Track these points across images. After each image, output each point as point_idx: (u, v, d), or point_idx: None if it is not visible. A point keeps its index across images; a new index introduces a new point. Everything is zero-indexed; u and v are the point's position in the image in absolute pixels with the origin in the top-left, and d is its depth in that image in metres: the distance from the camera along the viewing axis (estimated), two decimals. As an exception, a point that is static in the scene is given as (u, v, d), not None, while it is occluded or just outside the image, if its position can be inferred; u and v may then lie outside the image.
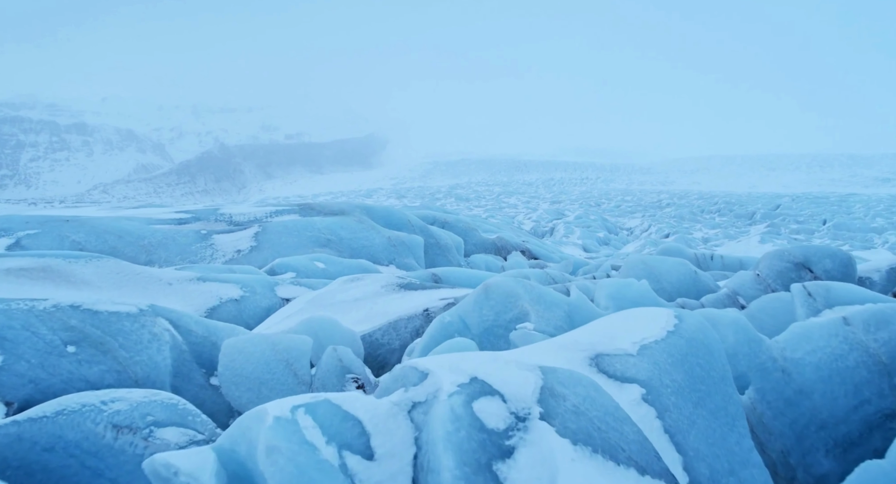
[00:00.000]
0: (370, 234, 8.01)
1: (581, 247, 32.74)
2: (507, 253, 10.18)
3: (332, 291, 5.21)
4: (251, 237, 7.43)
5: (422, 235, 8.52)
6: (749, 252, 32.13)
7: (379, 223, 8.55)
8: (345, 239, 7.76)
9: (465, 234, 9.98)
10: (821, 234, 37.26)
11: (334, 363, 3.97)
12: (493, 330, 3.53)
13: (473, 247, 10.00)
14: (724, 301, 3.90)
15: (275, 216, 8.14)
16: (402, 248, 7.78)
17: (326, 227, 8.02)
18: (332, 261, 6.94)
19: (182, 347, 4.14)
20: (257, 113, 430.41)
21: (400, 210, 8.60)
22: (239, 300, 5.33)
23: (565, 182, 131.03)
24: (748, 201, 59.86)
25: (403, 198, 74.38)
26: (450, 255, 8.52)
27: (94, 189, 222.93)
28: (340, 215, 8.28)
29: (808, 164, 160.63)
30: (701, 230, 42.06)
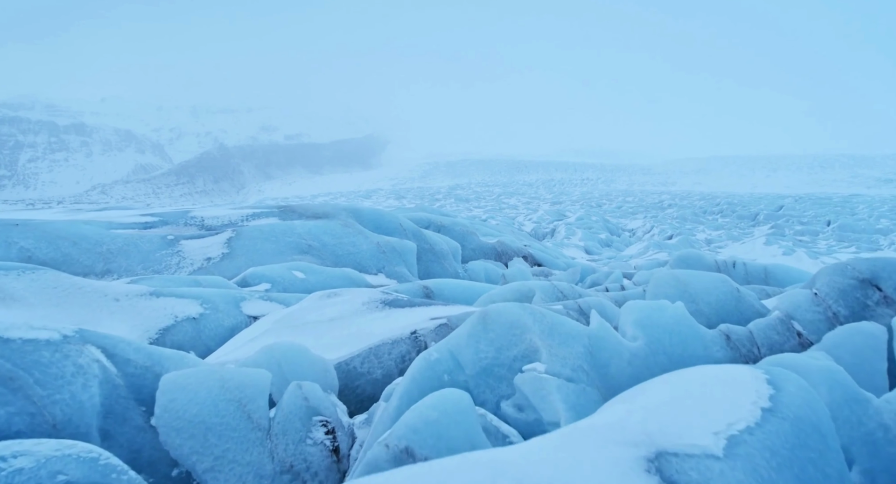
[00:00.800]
0: (357, 239, 7.27)
1: (583, 249, 32.01)
2: (508, 258, 9.44)
3: (305, 309, 4.47)
4: (223, 243, 6.66)
5: (415, 241, 7.75)
6: (755, 254, 31.41)
7: (367, 227, 7.79)
8: (328, 245, 7.02)
9: (463, 238, 9.23)
10: (826, 235, 36.58)
11: (298, 403, 3.23)
12: (492, 370, 2.78)
13: (472, 252, 9.25)
14: (777, 328, 3.16)
15: (251, 220, 7.37)
16: (392, 254, 7.03)
17: (308, 231, 7.26)
18: (313, 269, 6.18)
19: (116, 381, 3.39)
20: (257, 113, 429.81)
21: (390, 213, 7.81)
22: (197, 319, 4.59)
23: (566, 183, 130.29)
24: (750, 202, 59.17)
25: (403, 198, 73.67)
26: (446, 261, 7.77)
27: (92, 190, 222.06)
28: (324, 219, 7.50)
29: (810, 164, 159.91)
30: (704, 231, 41.36)
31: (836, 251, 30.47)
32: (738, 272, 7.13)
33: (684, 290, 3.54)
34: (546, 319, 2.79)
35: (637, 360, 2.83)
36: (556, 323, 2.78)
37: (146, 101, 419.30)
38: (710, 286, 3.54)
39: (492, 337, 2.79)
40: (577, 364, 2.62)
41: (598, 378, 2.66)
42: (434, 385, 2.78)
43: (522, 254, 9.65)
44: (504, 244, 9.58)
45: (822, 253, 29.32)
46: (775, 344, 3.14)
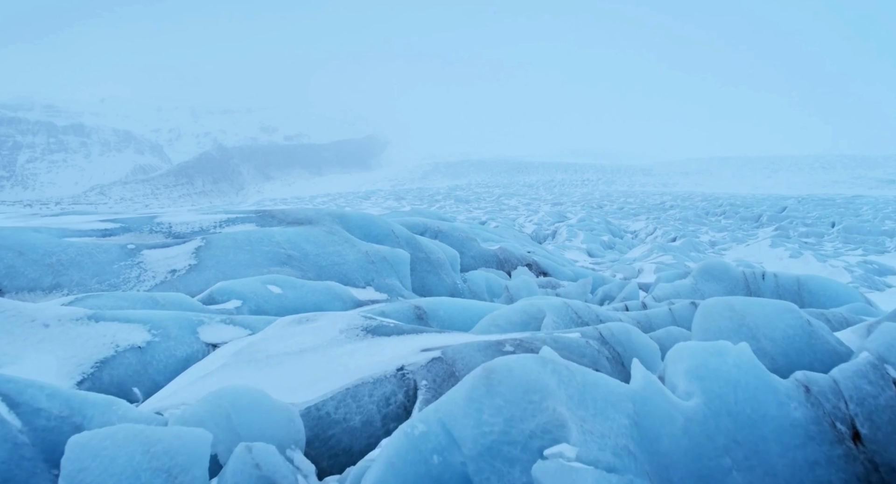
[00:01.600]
0: (343, 248, 6.51)
1: (585, 251, 31.32)
2: (510, 267, 8.69)
3: (271, 338, 3.70)
4: (191, 253, 5.86)
5: (408, 249, 6.97)
6: (760, 257, 30.73)
7: (356, 234, 7.02)
8: (310, 255, 6.22)
9: (462, 244, 8.47)
10: (831, 237, 35.91)
11: (247, 473, 2.48)
12: (500, 450, 1.95)
13: (472, 260, 8.48)
14: (868, 376, 2.42)
15: (225, 226, 6.55)
16: (382, 265, 6.28)
17: (288, 240, 6.51)
18: (292, 283, 5.41)
19: (19, 439, 2.64)
20: (256, 114, 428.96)
21: (381, 218, 7.03)
22: (144, 348, 3.82)
23: (566, 184, 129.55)
24: (753, 203, 58.51)
25: (402, 199, 73.04)
26: (443, 272, 7.01)
27: (90, 191, 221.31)
28: (307, 225, 6.64)
29: (811, 165, 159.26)
30: (707, 233, 40.71)
31: (843, 254, 29.76)
32: (767, 285, 6.38)
33: (741, 322, 2.77)
34: (575, 380, 2.01)
35: (694, 426, 2.09)
36: (588, 384, 2.01)
37: (145, 102, 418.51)
38: (774, 317, 2.77)
39: (499, 404, 2.00)
40: (621, 444, 1.86)
41: (647, 459, 1.91)
42: (419, 471, 2.01)
43: (526, 262, 8.90)
44: (506, 251, 8.82)
45: (829, 256, 28.63)
46: (867, 397, 2.39)
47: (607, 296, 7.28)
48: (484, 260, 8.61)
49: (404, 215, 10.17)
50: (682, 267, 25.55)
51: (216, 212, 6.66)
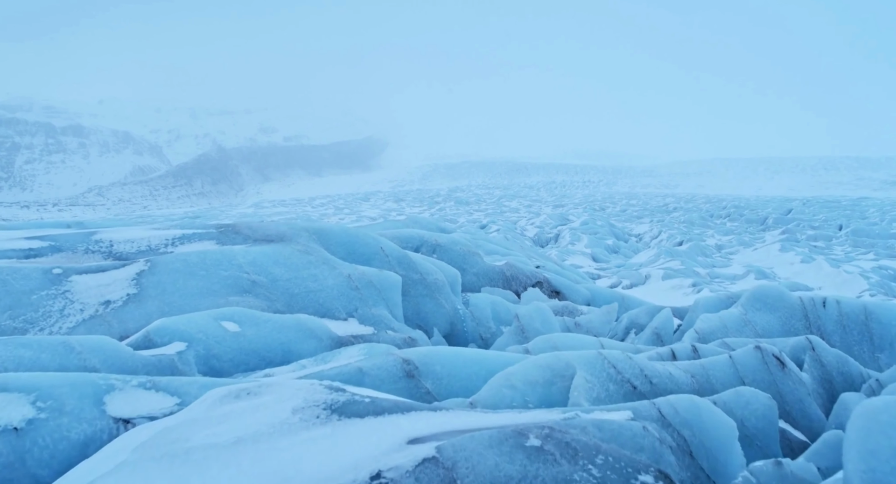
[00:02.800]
0: (320, 271, 5.30)
1: (590, 256, 30.35)
2: (519, 285, 7.61)
3: (196, 421, 2.60)
4: (131, 280, 4.66)
5: (400, 269, 5.88)
6: (770, 261, 29.68)
7: (337, 253, 5.80)
8: (280, 280, 4.96)
9: (464, 260, 7.38)
10: (840, 240, 34.96)
11: None
12: None
13: (475, 277, 7.38)
14: None
15: (178, 244, 5.30)
16: (368, 291, 5.18)
17: (252, 262, 5.24)
18: (253, 319, 4.31)
19: None
20: (255, 115, 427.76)
21: (368, 234, 5.87)
22: (23, 430, 2.72)
23: (567, 185, 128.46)
24: (758, 205, 57.51)
25: (402, 201, 72.14)
26: (441, 295, 5.92)
27: (89, 192, 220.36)
28: (277, 243, 5.55)
29: (814, 166, 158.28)
30: (713, 236, 39.68)
31: (854, 258, 28.70)
32: (829, 314, 5.30)
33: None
34: None
35: None
36: None
37: (144, 103, 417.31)
38: None
39: None
40: None
41: None
42: None
43: (536, 279, 7.81)
44: (514, 267, 7.73)
45: (841, 260, 27.59)
46: None
47: (634, 324, 6.20)
48: (488, 278, 7.53)
49: (399, 226, 9.09)
50: (693, 274, 24.53)
51: (169, 226, 5.51)
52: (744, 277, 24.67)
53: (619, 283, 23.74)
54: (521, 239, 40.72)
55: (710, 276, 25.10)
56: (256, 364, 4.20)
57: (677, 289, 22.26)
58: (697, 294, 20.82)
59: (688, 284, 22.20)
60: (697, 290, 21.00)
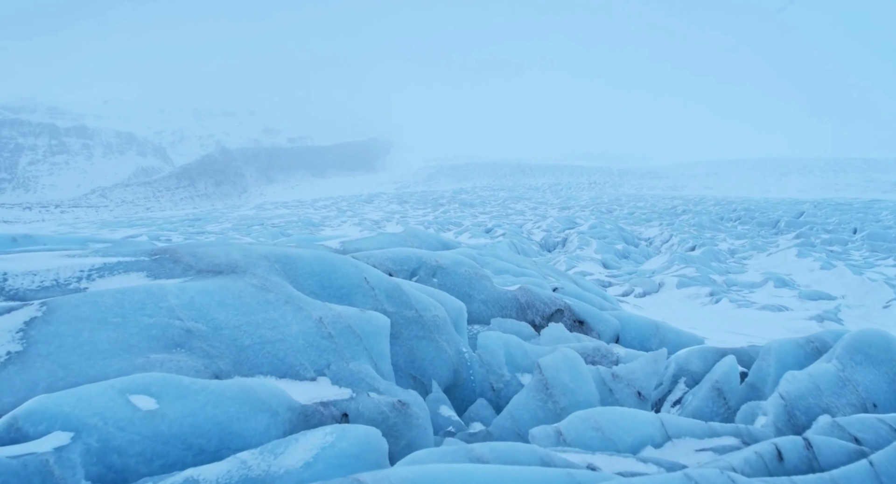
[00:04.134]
0: (282, 314, 4.03)
1: (600, 262, 29.10)
2: (535, 314, 6.35)
3: None
4: (16, 333, 3.14)
5: (390, 305, 4.50)
6: (787, 267, 28.35)
7: (307, 287, 4.53)
8: (225, 328, 3.79)
9: (470, 284, 6.11)
10: (856, 244, 33.68)
11: None
12: None
13: (484, 306, 6.09)
14: None
15: (96, 278, 3.98)
16: (346, 339, 3.83)
17: (188, 303, 3.86)
18: (180, 388, 2.98)
19: None
20: (259, 116, 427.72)
21: (348, 261, 4.53)
22: None
23: (573, 187, 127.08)
24: (768, 208, 56.14)
25: (406, 203, 71.07)
26: (441, 335, 4.61)
27: (92, 193, 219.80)
28: (227, 275, 4.22)
29: (822, 168, 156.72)
30: (725, 240, 38.35)
31: (874, 264, 27.38)
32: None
33: None
34: None
35: None
36: None
37: (149, 104, 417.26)
38: None
39: None
40: None
41: None
42: None
43: (556, 306, 6.54)
44: (529, 292, 6.47)
45: (862, 267, 26.30)
46: None
47: (683, 371, 4.92)
48: (499, 305, 6.27)
49: (394, 241, 7.83)
50: (709, 281, 23.24)
51: (90, 252, 4.18)
52: (763, 285, 23.38)
53: (632, 291, 22.52)
54: (521, 235, 39.45)
55: (727, 283, 23.82)
56: (178, 457, 2.95)
57: (694, 298, 20.99)
58: (716, 304, 19.54)
59: (705, 293, 20.93)
60: (716, 299, 19.73)
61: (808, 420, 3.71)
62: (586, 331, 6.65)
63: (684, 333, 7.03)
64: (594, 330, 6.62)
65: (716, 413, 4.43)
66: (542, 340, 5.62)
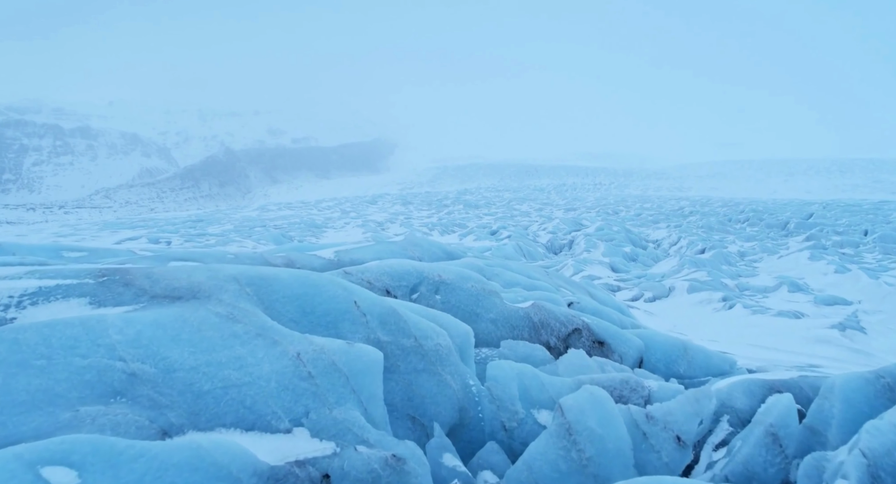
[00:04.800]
0: (251, 350, 3.29)
1: (608, 265, 28.35)
2: (550, 334, 5.65)
3: None
4: None
5: (385, 333, 3.70)
6: (800, 270, 27.56)
7: (285, 314, 3.83)
8: (180, 369, 3.05)
9: (477, 301, 5.41)
10: (868, 247, 32.85)
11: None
12: None
13: (492, 326, 5.38)
14: None
15: (28, 305, 3.26)
16: (329, 380, 2.93)
17: (135, 338, 3.10)
18: (111, 454, 2.31)
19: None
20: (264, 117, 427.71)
21: (334, 281, 4.06)
22: None
23: (578, 188, 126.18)
24: (776, 209, 55.28)
25: (410, 204, 70.38)
26: (445, 367, 3.90)
27: (96, 194, 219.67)
28: (187, 302, 3.47)
29: (828, 168, 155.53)
30: (735, 242, 37.56)
31: (889, 268, 26.58)
32: None
33: None
34: None
35: None
36: None
37: (153, 105, 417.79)
38: None
39: None
40: None
41: None
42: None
43: (573, 325, 5.84)
44: (543, 309, 5.77)
45: (877, 270, 25.54)
46: None
47: (726, 408, 4.21)
48: (510, 325, 5.57)
49: (393, 251, 7.13)
50: (721, 286, 22.49)
51: (25, 273, 3.38)
52: (776, 290, 22.62)
53: (641, 295, 21.81)
54: (527, 237, 38.70)
55: (739, 288, 23.07)
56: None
57: (706, 303, 20.28)
58: (729, 310, 18.82)
59: (717, 299, 20.20)
60: (729, 305, 19.01)
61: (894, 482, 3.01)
62: (607, 352, 5.94)
63: (714, 354, 6.31)
64: (616, 352, 5.91)
65: (770, 463, 3.73)
66: (561, 369, 4.91)
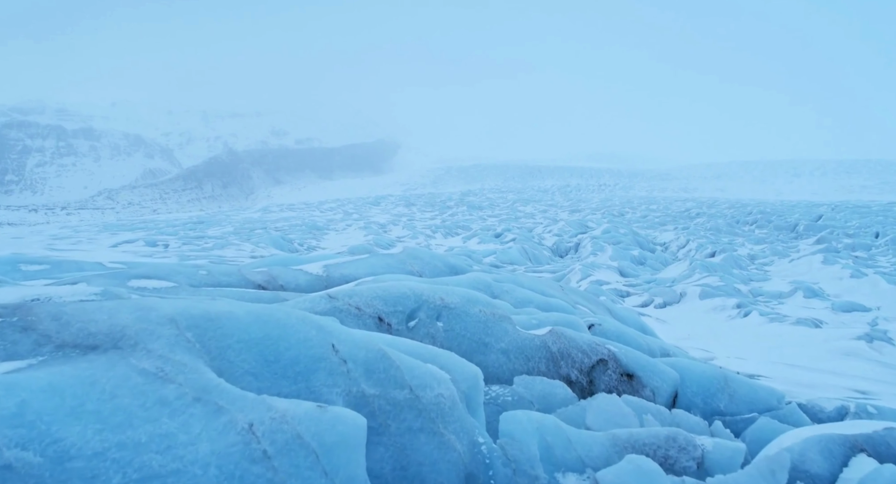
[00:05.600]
0: (183, 422, 2.35)
1: (617, 270, 27.52)
2: (571, 366, 4.80)
3: None
4: None
5: (371, 386, 2.70)
6: (813, 275, 26.68)
7: (241, 365, 2.83)
8: (77, 457, 2.07)
9: (486, 329, 4.56)
10: (880, 249, 32.03)
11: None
12: None
13: (504, 357, 4.54)
14: None
15: None
16: (292, 460, 2.38)
17: (17, 413, 2.12)
18: None
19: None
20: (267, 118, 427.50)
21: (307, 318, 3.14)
22: None
23: (582, 189, 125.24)
24: (784, 211, 54.33)
25: (413, 205, 69.66)
26: (448, 425, 3.07)
27: (99, 195, 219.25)
28: (104, 353, 2.51)
29: (834, 170, 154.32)
30: (744, 245, 36.70)
31: (905, 272, 25.80)
32: None
33: None
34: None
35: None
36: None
37: (157, 106, 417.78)
38: None
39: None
40: None
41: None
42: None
43: (598, 356, 4.98)
44: (562, 337, 4.92)
45: (894, 274, 24.71)
46: None
47: (799, 473, 3.36)
48: (524, 356, 4.73)
49: (389, 266, 6.27)
50: (734, 291, 21.58)
51: None
52: (791, 295, 21.78)
53: (651, 301, 20.98)
54: (531, 238, 37.84)
55: (753, 293, 22.22)
56: None
57: (720, 310, 19.44)
58: (744, 318, 17.96)
59: (731, 305, 19.36)
60: (744, 312, 18.17)
61: None
62: (636, 387, 5.08)
63: (760, 387, 5.44)
64: (647, 386, 5.05)
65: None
66: (590, 419, 4.04)
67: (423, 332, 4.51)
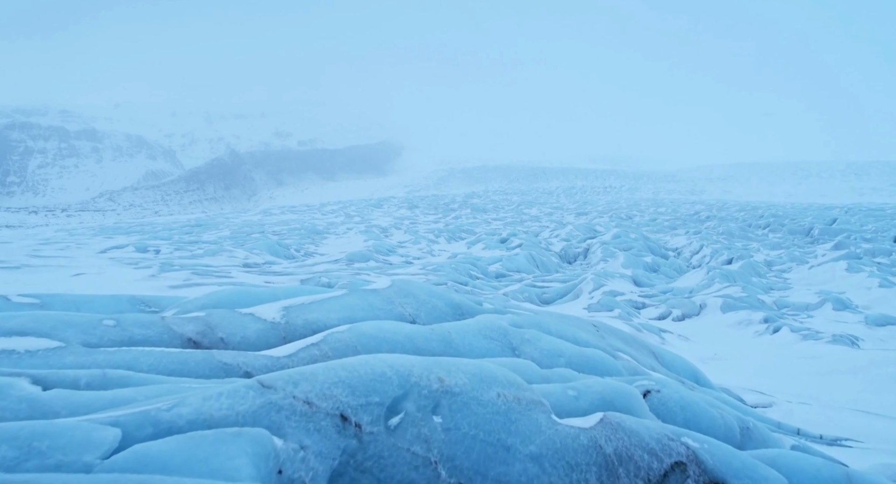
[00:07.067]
0: None
1: (630, 279, 25.91)
2: (636, 476, 3.22)
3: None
4: None
5: None
6: (837, 284, 25.11)
7: None
8: None
9: (509, 425, 2.94)
10: (902, 254, 30.48)
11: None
12: None
13: (535, 466, 2.94)
14: None
15: None
16: None
17: None
18: None
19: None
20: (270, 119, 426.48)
21: (260, 437, 1.82)
22: None
23: (588, 191, 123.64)
24: (797, 214, 52.71)
25: (416, 208, 68.23)
26: None
27: (100, 197, 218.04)
28: None
29: (843, 172, 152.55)
30: (760, 251, 35.11)
31: (936, 280, 24.21)
32: None
33: None
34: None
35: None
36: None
37: (160, 107, 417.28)
38: None
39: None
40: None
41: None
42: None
43: (672, 458, 3.38)
44: (620, 431, 3.33)
45: (924, 282, 23.23)
46: None
47: None
48: (565, 464, 3.14)
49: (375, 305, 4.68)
50: (759, 303, 19.93)
51: None
52: (819, 307, 20.19)
53: (669, 313, 19.42)
54: (538, 243, 36.24)
55: (778, 305, 20.58)
56: None
57: (745, 325, 17.80)
58: (773, 334, 16.35)
59: (757, 319, 17.73)
60: (773, 328, 16.53)
61: None
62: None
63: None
64: (742, 499, 3.41)
65: None
66: None
67: (412, 434, 2.90)
